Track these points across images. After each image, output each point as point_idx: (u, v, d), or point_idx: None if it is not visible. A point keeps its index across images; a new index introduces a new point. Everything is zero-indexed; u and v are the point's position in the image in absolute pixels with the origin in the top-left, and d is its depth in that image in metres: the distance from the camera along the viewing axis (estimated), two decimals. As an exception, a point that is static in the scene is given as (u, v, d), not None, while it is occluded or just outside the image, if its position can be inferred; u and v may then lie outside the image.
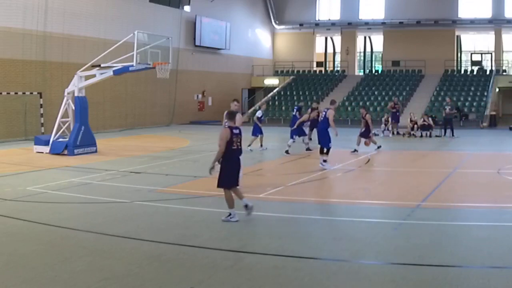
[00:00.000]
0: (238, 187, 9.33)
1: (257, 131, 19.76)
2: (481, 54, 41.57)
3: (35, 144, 19.39)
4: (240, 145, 9.26)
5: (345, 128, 30.55)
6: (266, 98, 39.39)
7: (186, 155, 18.55)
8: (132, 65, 18.04)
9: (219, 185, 9.11)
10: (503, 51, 40.41)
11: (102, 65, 18.77)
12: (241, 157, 9.43)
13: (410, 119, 26.42)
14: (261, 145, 19.97)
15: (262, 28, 44.46)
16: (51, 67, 25.27)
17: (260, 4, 44.14)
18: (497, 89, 37.46)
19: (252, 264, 6.91)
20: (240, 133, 9.23)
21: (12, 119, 23.69)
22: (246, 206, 9.14)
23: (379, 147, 19.84)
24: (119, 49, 18.92)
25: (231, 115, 9.32)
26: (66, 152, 18.18)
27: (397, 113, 27.07)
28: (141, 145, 22.34)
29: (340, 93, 38.89)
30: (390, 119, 27.08)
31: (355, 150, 18.80)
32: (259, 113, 20.32)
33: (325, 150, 15.15)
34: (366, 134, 19.49)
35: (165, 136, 26.77)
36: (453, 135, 25.10)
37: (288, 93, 39.95)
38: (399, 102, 28.70)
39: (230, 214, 9.03)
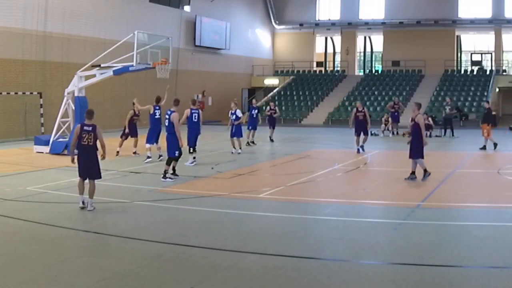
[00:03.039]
0: (93, 180, 10.08)
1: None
2: (481, 54, 41.57)
3: (35, 144, 19.40)
4: (92, 141, 9.98)
5: (345, 128, 30.59)
6: (266, 98, 39.40)
7: (186, 156, 18.51)
8: (132, 65, 18.03)
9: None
10: (503, 51, 40.42)
11: (102, 65, 18.76)
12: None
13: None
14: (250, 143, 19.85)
15: (262, 28, 44.46)
16: (51, 67, 25.27)
17: (260, 4, 44.14)
18: (497, 89, 37.47)
19: (252, 264, 6.91)
20: (92, 131, 9.96)
21: (12, 119, 23.69)
22: (82, 202, 10.00)
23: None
24: (119, 49, 18.91)
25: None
26: (66, 152, 18.16)
27: (396, 113, 26.99)
28: (141, 145, 22.31)
29: (340, 93, 38.92)
30: (390, 119, 27.08)
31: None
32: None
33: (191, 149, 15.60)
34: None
35: (165, 136, 26.67)
36: (453, 135, 25.10)
37: (288, 93, 39.96)
38: (399, 102, 28.62)
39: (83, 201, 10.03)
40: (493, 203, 10.64)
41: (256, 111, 21.29)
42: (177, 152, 13.18)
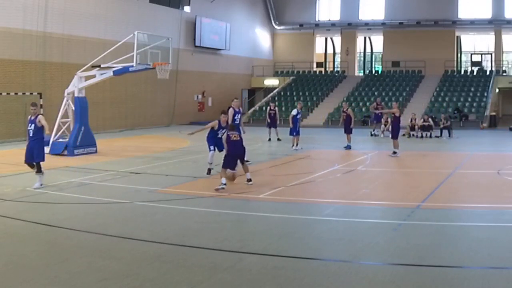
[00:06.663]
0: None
1: (293, 131, 20.26)
2: (481, 54, 41.56)
3: (35, 144, 19.35)
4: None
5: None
6: (266, 98, 39.41)
7: (186, 156, 18.56)
8: (132, 66, 18.05)
9: None
10: (503, 52, 40.43)
11: (102, 66, 18.78)
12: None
13: (411, 119, 26.45)
14: (295, 145, 20.27)
15: (262, 29, 44.47)
16: (51, 67, 25.26)
17: (260, 5, 44.15)
18: (497, 90, 37.47)
19: (252, 265, 6.91)
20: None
21: (12, 120, 23.67)
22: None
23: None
24: (119, 50, 18.92)
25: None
26: (66, 152, 18.17)
27: (380, 114, 27.26)
28: (141, 145, 22.35)
29: (340, 94, 38.91)
30: (389, 119, 27.12)
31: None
32: (294, 112, 20.74)
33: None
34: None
35: (165, 136, 26.77)
36: (449, 136, 25.32)
37: (288, 93, 39.96)
38: (382, 102, 29.22)
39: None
40: (493, 203, 10.64)
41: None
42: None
